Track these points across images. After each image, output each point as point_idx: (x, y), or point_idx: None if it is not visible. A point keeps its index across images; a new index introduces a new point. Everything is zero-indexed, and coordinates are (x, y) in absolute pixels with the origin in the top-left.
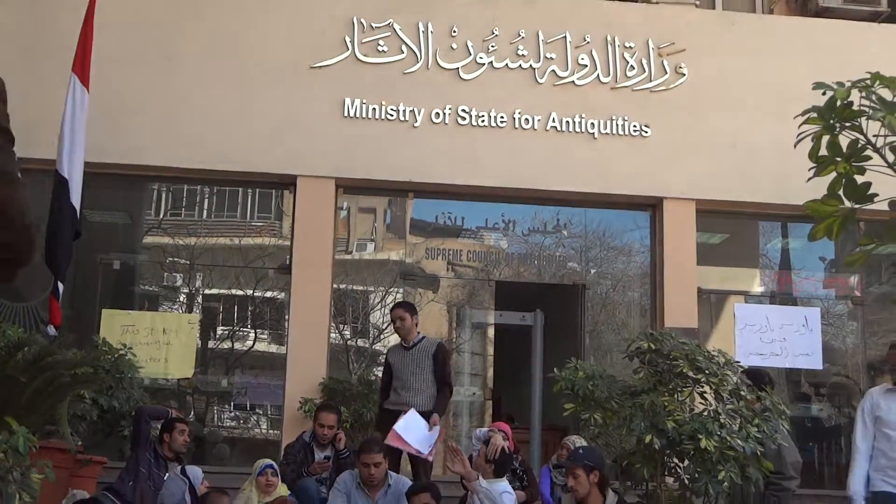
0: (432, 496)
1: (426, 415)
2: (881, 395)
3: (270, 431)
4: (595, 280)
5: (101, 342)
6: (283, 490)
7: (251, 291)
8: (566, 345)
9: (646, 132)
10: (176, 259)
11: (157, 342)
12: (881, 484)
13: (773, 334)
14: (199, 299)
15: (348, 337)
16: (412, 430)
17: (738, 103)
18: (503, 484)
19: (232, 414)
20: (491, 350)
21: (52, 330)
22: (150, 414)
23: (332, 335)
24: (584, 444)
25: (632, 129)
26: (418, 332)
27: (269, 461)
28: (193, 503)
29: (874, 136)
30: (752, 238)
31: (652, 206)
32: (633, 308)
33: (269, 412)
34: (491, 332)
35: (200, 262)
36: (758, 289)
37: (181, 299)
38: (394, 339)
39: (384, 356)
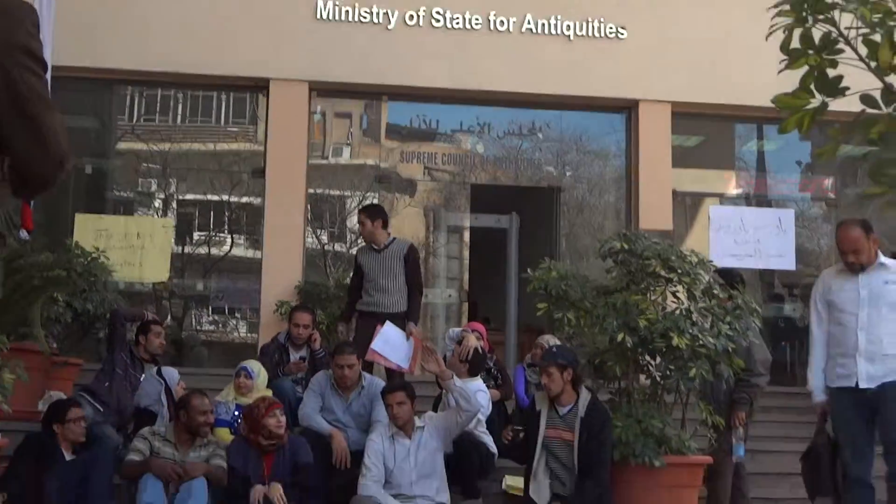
0: (407, 395)
1: (400, 317)
2: (832, 277)
3: (248, 335)
4: (570, 184)
5: (74, 246)
6: (263, 390)
7: (226, 197)
8: (541, 248)
9: (622, 34)
10: (150, 164)
11: (132, 246)
12: (836, 378)
13: (748, 236)
14: (174, 204)
15: (325, 242)
16: (390, 345)
17: (714, 4)
18: (477, 382)
19: (210, 318)
20: (467, 253)
21: (24, 234)
22: (125, 316)
23: (309, 240)
24: (558, 343)
25: (608, 31)
26: (389, 234)
27: (244, 363)
28: (169, 404)
29: (846, 28)
30: (728, 140)
31: (628, 109)
32: (608, 211)
33: (246, 315)
34: (467, 235)
35: (174, 167)
36: (733, 191)
37: (155, 204)
38: None
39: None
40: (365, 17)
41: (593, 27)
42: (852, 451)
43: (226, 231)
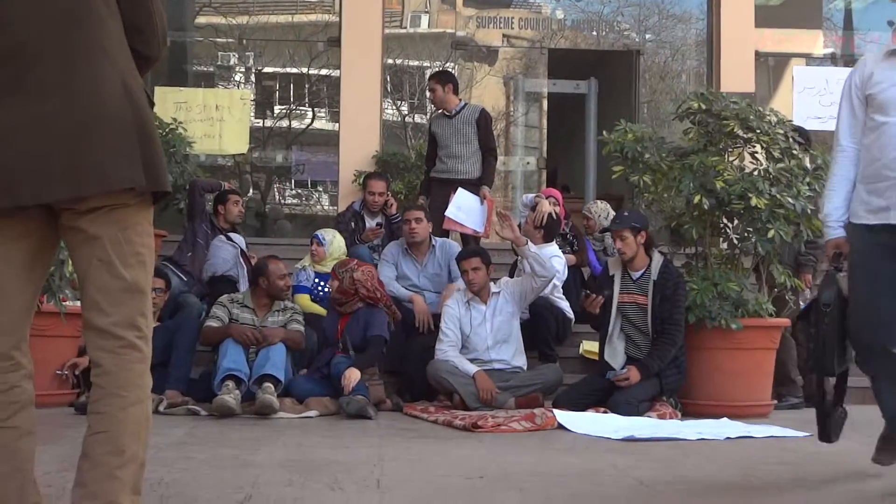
0: (482, 261)
1: (474, 184)
2: (877, 62)
3: (329, 207)
4: (652, 48)
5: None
6: (339, 256)
7: (305, 69)
8: (620, 114)
9: None
10: (228, 38)
11: (210, 118)
12: (865, 210)
13: (832, 97)
14: (252, 77)
15: (405, 112)
16: (465, 211)
17: None
18: (552, 248)
19: (291, 190)
20: (545, 121)
21: None
22: (203, 187)
23: (388, 111)
24: (607, 208)
25: None
26: (460, 100)
27: (317, 232)
28: (247, 264)
29: None
30: None
31: None
32: (690, 76)
33: (327, 187)
34: (545, 102)
35: (252, 39)
36: (819, 51)
37: (234, 77)
38: None
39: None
40: None
41: None
42: (869, 313)
43: (306, 104)
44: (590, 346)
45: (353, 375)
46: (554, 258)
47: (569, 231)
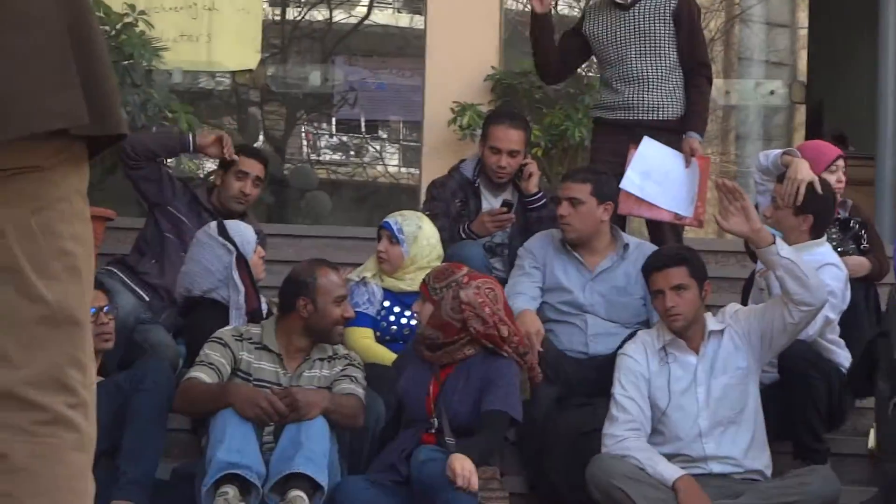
0: (691, 274)
1: (672, 130)
2: None
3: (402, 169)
4: None
5: (94, 4)
6: (431, 260)
7: None
8: None
9: None
10: None
11: (193, 6)
12: None
13: None
14: None
15: None
16: (655, 180)
17: None
18: (823, 249)
19: (334, 138)
20: (804, 15)
21: None
22: (157, 145)
23: None
24: None
25: None
26: None
27: (388, 218)
28: (248, 287)
29: None
30: None
31: None
32: None
33: (399, 133)
34: None
35: None
36: None
37: None
38: None
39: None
40: None
41: None
42: None
43: None
44: None
45: (465, 466)
46: (826, 268)
47: (850, 218)
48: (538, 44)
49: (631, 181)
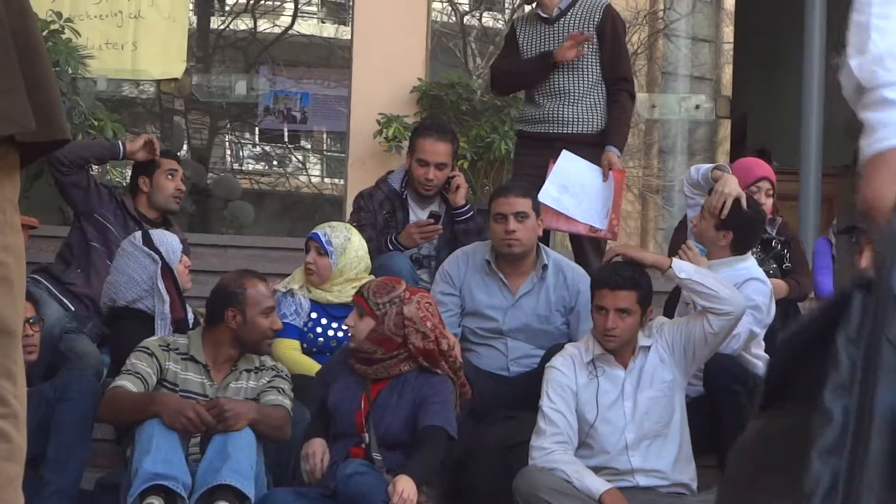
0: (639, 298)
1: (591, 144)
2: None
3: (325, 180)
4: None
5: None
6: (359, 273)
7: None
8: None
9: None
10: None
11: (118, 14)
12: None
13: None
14: None
15: (466, 8)
16: (573, 193)
17: None
18: (748, 264)
19: (258, 148)
20: (730, 29)
21: None
22: (85, 152)
23: (437, 4)
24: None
25: None
26: None
27: (317, 229)
28: (174, 298)
29: None
30: None
31: None
32: None
33: (324, 143)
34: None
35: None
36: None
37: None
38: None
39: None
40: None
41: None
42: None
43: None
44: None
45: (408, 489)
46: (750, 283)
47: (775, 236)
48: (531, 78)
49: (549, 194)
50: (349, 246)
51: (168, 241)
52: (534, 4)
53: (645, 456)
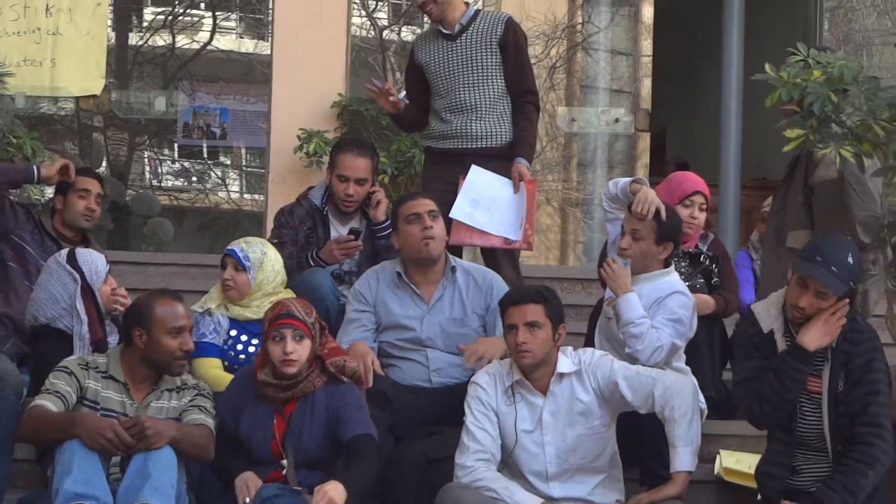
0: (547, 312)
1: (498, 155)
2: None
3: (248, 195)
4: None
5: None
6: (278, 289)
7: None
8: (785, 32)
9: None
10: None
11: (37, 30)
12: None
13: None
14: None
15: (385, 23)
16: (484, 207)
17: None
18: (670, 278)
19: (177, 164)
20: (648, 43)
21: None
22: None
23: (357, 19)
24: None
25: None
26: (468, 6)
27: (233, 245)
28: (94, 316)
29: None
30: None
31: None
32: None
33: (243, 160)
34: (648, 8)
35: None
36: None
37: None
38: None
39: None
40: None
41: None
42: None
43: (202, 4)
44: (734, 461)
45: (333, 493)
46: (673, 296)
47: (700, 251)
48: (401, 123)
49: (461, 210)
50: (266, 260)
51: (92, 260)
52: (438, 24)
53: (565, 486)
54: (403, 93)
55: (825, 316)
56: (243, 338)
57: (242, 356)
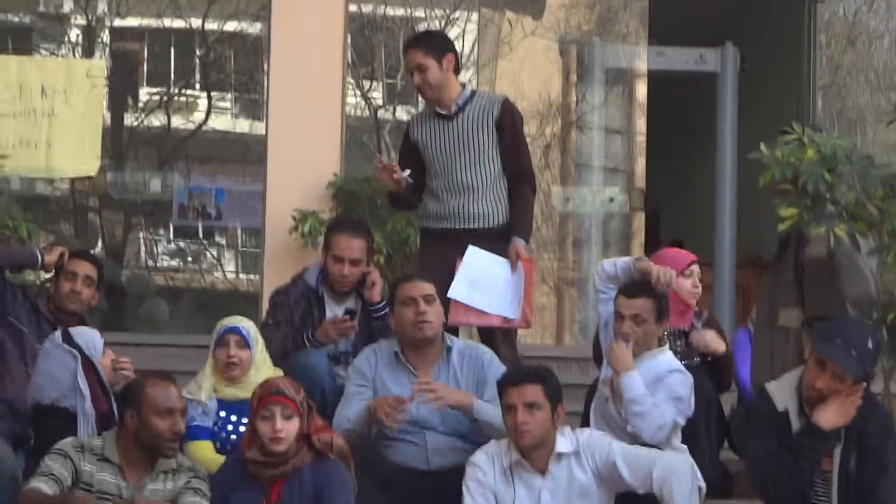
0: (546, 393)
1: (496, 236)
2: None
3: (243, 275)
4: None
5: None
6: (265, 370)
7: (199, 23)
8: (781, 111)
9: None
10: None
11: (32, 112)
12: None
13: None
14: (105, 36)
15: (379, 103)
16: (482, 288)
17: None
18: (666, 357)
19: (173, 244)
20: (642, 121)
21: None
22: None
23: (352, 100)
24: None
25: None
26: (464, 86)
27: (233, 322)
28: (95, 393)
29: None
30: None
31: None
32: None
33: (238, 239)
34: (642, 87)
35: None
36: None
37: (72, 37)
38: None
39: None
40: None
41: None
42: None
43: (197, 84)
44: None
45: None
46: (673, 374)
47: (701, 328)
48: (396, 202)
49: (459, 291)
50: (259, 338)
51: (88, 335)
52: (434, 104)
53: None
54: (407, 171)
55: (841, 398)
56: (233, 418)
57: (234, 436)
